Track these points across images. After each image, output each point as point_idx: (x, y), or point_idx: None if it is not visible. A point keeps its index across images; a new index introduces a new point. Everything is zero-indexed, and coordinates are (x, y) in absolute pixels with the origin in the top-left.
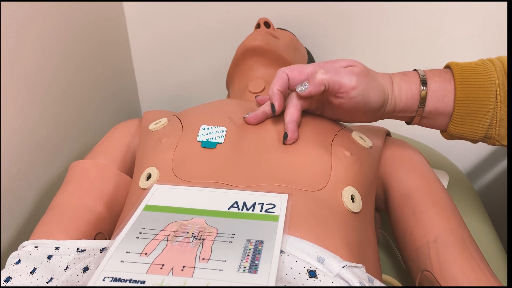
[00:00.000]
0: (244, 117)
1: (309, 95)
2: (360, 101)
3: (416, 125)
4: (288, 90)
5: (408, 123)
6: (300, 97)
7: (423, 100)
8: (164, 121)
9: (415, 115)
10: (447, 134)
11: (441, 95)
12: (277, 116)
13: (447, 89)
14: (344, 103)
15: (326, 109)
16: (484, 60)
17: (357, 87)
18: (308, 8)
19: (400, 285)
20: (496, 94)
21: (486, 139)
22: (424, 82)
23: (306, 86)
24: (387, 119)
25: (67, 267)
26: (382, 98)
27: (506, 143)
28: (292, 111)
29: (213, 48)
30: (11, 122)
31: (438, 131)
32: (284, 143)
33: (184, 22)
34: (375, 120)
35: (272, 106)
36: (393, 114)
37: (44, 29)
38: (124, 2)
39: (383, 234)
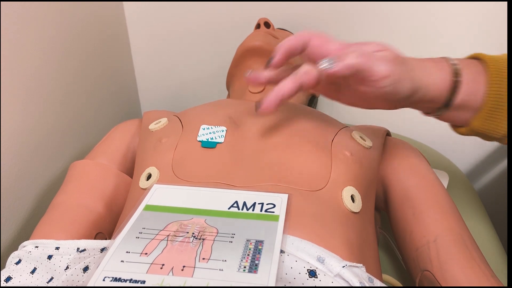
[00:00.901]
0: (257, 110)
1: (332, 75)
2: (388, 91)
3: (416, 125)
4: (297, 56)
5: (427, 113)
6: (310, 76)
7: (453, 92)
8: (164, 121)
9: (441, 106)
10: (469, 129)
11: (471, 89)
12: (278, 116)
13: (479, 82)
14: (371, 91)
15: (342, 94)
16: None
17: (389, 76)
18: (308, 8)
19: (400, 285)
20: None
21: (503, 138)
22: (456, 73)
23: (332, 65)
24: (387, 115)
25: (67, 267)
26: (411, 89)
27: None
28: (288, 85)
29: (213, 48)
30: (11, 122)
31: (438, 132)
32: (255, 110)
33: (184, 22)
34: (395, 109)
35: (270, 58)
36: (417, 105)
37: (44, 29)
38: (124, 2)
39: (383, 234)
